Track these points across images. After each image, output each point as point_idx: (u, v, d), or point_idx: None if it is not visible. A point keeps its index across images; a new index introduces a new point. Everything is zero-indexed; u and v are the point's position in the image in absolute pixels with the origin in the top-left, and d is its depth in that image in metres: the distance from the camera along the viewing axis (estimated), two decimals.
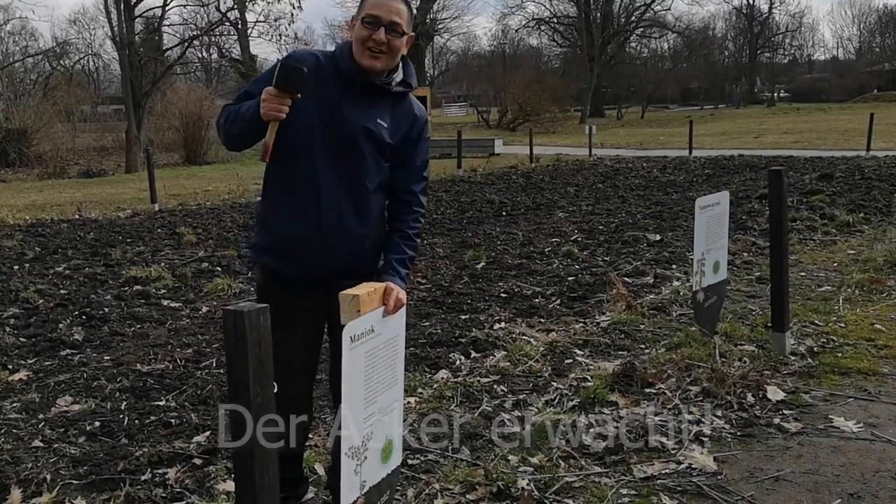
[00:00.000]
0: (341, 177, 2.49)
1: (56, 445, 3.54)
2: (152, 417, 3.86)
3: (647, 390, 3.90)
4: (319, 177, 2.47)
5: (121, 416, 3.89)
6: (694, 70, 60.37)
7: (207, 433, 3.60)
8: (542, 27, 55.67)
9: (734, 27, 66.40)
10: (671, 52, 63.35)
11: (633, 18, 54.92)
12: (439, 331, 5.19)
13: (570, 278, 6.64)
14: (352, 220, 2.51)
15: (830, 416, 3.60)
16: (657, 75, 58.26)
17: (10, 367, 4.73)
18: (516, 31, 57.02)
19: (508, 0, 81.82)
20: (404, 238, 2.61)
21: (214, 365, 4.65)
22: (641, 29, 56.79)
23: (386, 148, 2.54)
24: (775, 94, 65.52)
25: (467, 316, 5.57)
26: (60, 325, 5.60)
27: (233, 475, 2.58)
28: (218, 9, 33.75)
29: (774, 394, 3.82)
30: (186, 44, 34.72)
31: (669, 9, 59.05)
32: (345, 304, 2.19)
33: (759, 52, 65.15)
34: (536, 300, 5.96)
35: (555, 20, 54.96)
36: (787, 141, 24.44)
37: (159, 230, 10.23)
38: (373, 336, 2.20)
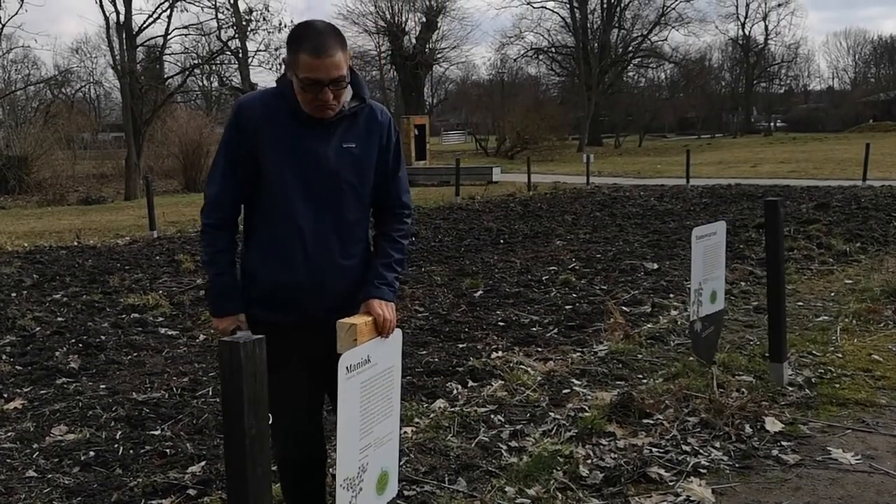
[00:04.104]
0: (323, 215, 2.43)
1: (50, 475, 3.52)
2: (147, 447, 3.84)
3: (645, 421, 3.88)
4: (301, 220, 2.41)
5: (115, 445, 3.87)
6: (691, 99, 60.71)
7: (203, 463, 3.58)
8: (541, 57, 56.06)
9: (730, 58, 66.99)
10: (668, 82, 63.79)
11: (630, 48, 55.38)
12: (436, 359, 5.17)
13: (567, 307, 6.63)
14: (340, 256, 2.46)
15: (828, 448, 3.59)
16: (654, 104, 58.57)
17: (5, 395, 4.71)
18: (515, 60, 57.33)
19: (507, 30, 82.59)
20: (389, 241, 2.56)
21: (210, 394, 4.64)
22: (639, 59, 57.23)
23: (365, 168, 2.47)
24: (772, 124, 65.86)
25: (465, 344, 5.56)
26: (57, 353, 5.58)
27: None
28: (219, 38, 34.23)
29: (772, 425, 3.81)
30: (187, 72, 35.04)
31: (666, 39, 59.52)
32: (342, 333, 2.19)
33: (755, 82, 65.61)
34: (534, 329, 5.96)
35: (553, 50, 55.37)
36: (784, 170, 24.54)
37: (158, 257, 10.23)
38: (369, 366, 2.20)
